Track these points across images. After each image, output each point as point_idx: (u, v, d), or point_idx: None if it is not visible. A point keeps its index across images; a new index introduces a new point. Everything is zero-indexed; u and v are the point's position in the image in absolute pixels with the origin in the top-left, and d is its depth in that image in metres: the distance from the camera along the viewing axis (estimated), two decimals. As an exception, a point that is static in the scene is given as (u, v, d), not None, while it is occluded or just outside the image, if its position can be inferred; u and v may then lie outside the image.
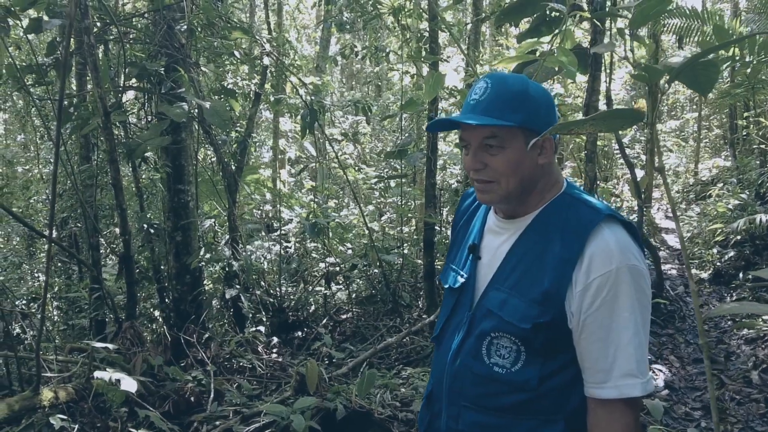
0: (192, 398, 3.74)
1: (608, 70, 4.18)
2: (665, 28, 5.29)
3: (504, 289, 1.38)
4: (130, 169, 6.46)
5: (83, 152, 6.82)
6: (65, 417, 2.62)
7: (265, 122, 9.48)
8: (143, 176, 6.64)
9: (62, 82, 2.56)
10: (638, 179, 4.00)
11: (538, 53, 2.02)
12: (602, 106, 4.24)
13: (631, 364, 1.24)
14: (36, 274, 8.39)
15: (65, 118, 4.92)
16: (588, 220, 1.32)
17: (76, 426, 2.70)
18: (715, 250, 6.51)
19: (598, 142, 9.41)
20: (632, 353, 1.24)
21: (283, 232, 7.20)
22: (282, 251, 6.81)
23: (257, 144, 9.08)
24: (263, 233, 7.04)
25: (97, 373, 2.75)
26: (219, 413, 3.63)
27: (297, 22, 10.78)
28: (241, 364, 4.55)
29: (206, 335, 4.93)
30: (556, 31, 1.88)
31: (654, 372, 3.61)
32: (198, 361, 4.43)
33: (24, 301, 7.11)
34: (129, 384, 2.79)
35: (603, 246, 1.27)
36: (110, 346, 3.11)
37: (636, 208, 4.79)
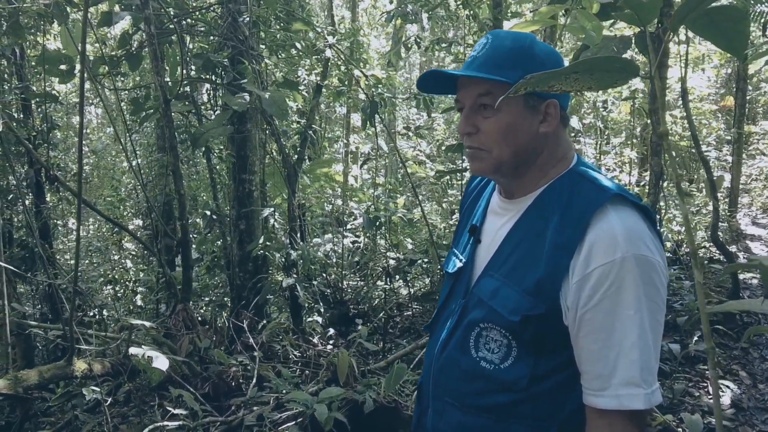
0: (233, 382, 3.78)
1: (684, 60, 3.84)
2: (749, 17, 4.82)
3: (498, 277, 1.23)
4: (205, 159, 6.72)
5: (159, 142, 7.14)
6: (97, 389, 2.69)
7: (339, 118, 9.56)
8: (217, 166, 6.86)
9: (82, 72, 2.61)
10: (715, 179, 3.65)
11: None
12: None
13: (634, 372, 1.06)
14: (123, 261, 8.87)
15: (136, 108, 5.13)
16: (591, 201, 1.14)
17: (110, 399, 2.76)
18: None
19: (682, 143, 8.81)
20: (636, 359, 1.06)
21: (351, 225, 7.22)
22: (350, 244, 6.83)
23: (331, 139, 9.17)
24: (332, 226, 7.10)
25: (132, 350, 2.80)
26: (258, 399, 3.65)
27: (375, 19, 10.82)
28: (294, 352, 4.56)
29: (263, 322, 4.98)
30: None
31: (721, 388, 3.28)
32: (248, 347, 4.48)
33: (107, 284, 7.53)
34: (161, 362, 2.82)
35: (607, 231, 1.10)
36: (147, 324, 3.18)
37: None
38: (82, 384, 2.78)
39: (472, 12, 5.67)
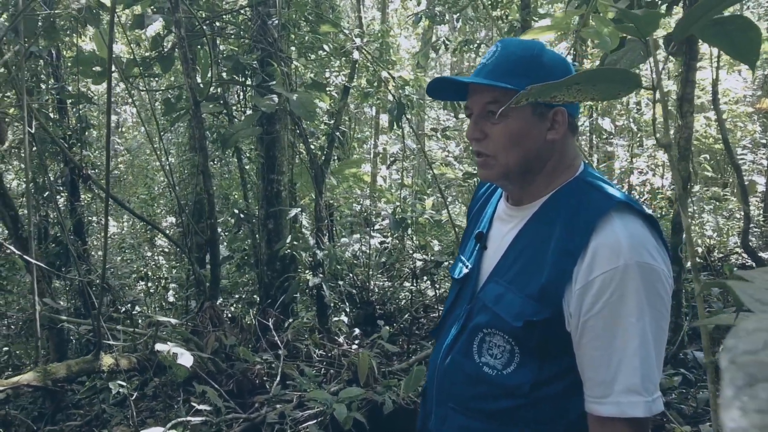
0: (257, 380, 3.84)
1: (716, 61, 3.76)
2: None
3: (503, 283, 1.24)
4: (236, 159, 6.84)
5: (191, 142, 7.26)
6: (124, 383, 2.77)
7: (368, 119, 9.60)
8: (247, 166, 6.97)
9: (109, 73, 2.68)
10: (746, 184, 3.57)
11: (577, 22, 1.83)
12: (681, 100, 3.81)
13: (635, 379, 1.06)
14: (156, 258, 9.06)
15: (168, 108, 5.24)
16: (596, 208, 1.15)
17: (135, 393, 2.84)
18: None
19: (716, 146, 8.58)
20: (638, 366, 1.06)
21: (380, 226, 7.26)
22: (378, 245, 6.86)
23: (360, 140, 9.22)
24: (360, 227, 7.15)
25: (158, 346, 2.87)
26: (281, 396, 3.70)
27: (406, 20, 10.82)
28: (315, 351, 4.61)
29: (289, 320, 5.04)
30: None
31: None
32: (273, 345, 4.54)
33: (140, 281, 7.71)
34: (186, 359, 2.89)
35: (610, 239, 1.10)
36: (173, 321, 3.25)
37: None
38: (110, 378, 2.86)
39: (503, 13, 5.65)
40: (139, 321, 5.03)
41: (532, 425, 1.20)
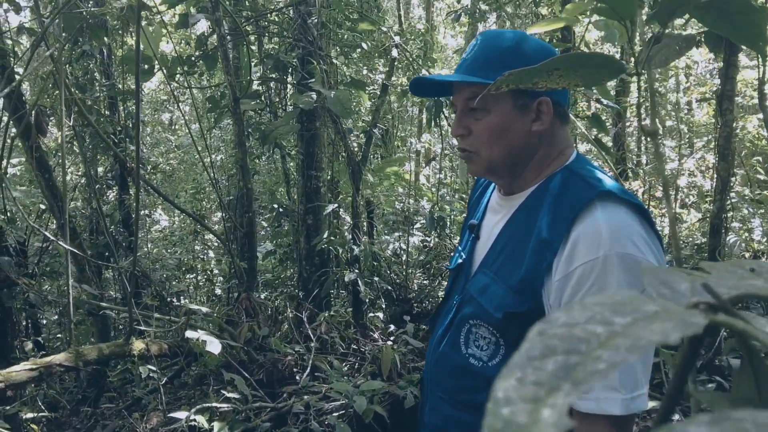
0: (287, 371, 3.91)
1: (763, 58, 3.61)
2: None
3: (489, 274, 1.24)
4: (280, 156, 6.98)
5: (236, 139, 7.43)
6: (154, 369, 2.87)
7: (411, 117, 9.61)
8: (290, 163, 7.10)
9: (137, 74, 2.77)
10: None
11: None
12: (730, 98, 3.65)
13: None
14: (205, 251, 9.32)
15: (213, 105, 5.39)
16: (579, 197, 1.13)
17: (165, 379, 2.94)
18: None
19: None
20: None
21: (420, 224, 7.26)
22: (418, 242, 6.87)
23: (403, 138, 9.24)
24: (402, 225, 7.17)
25: (189, 333, 2.96)
26: (310, 388, 3.76)
27: (444, 19, 10.78)
28: (342, 344, 4.66)
29: (324, 314, 5.11)
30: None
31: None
32: (307, 338, 4.61)
33: (188, 273, 7.96)
34: (215, 346, 2.97)
35: (591, 229, 1.07)
36: (204, 309, 3.35)
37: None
38: (143, 363, 2.98)
39: (550, 10, 5.57)
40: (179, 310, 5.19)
41: None
